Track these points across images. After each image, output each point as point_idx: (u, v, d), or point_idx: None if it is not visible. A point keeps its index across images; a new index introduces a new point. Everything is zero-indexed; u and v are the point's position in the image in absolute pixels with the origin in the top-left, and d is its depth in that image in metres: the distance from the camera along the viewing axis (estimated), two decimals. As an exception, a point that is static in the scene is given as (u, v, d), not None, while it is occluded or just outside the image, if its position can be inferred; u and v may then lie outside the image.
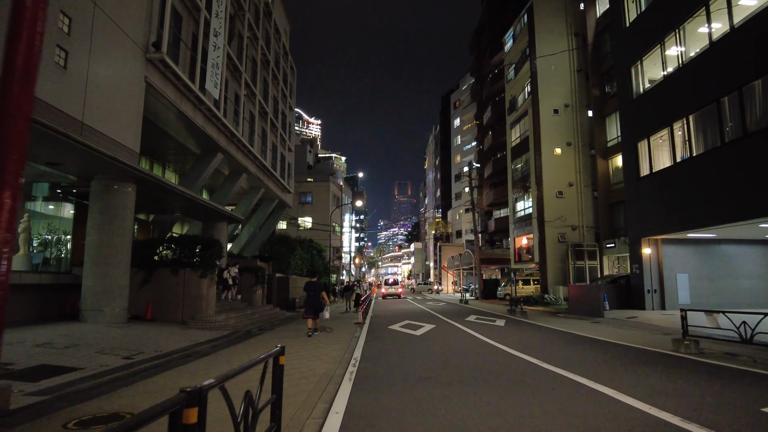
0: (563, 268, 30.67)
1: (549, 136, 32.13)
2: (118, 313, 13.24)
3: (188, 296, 14.62)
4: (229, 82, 23.38)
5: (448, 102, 72.56)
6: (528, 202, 34.48)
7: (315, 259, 34.31)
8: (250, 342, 11.53)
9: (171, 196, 16.59)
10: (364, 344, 10.18)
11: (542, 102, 32.42)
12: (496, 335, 11.85)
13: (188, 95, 18.10)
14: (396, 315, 19.50)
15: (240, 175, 26.12)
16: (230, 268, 18.75)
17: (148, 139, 21.52)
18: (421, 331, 12.89)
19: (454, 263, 48.40)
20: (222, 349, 10.39)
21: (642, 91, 19.48)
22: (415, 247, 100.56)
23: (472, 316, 17.83)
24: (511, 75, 38.69)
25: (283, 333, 13.66)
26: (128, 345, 9.82)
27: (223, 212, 20.43)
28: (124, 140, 13.78)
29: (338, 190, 53.42)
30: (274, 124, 32.05)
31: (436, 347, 9.79)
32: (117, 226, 13.50)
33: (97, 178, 13.55)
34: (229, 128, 21.94)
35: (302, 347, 10.23)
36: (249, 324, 15.57)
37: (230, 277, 18.43)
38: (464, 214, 60.34)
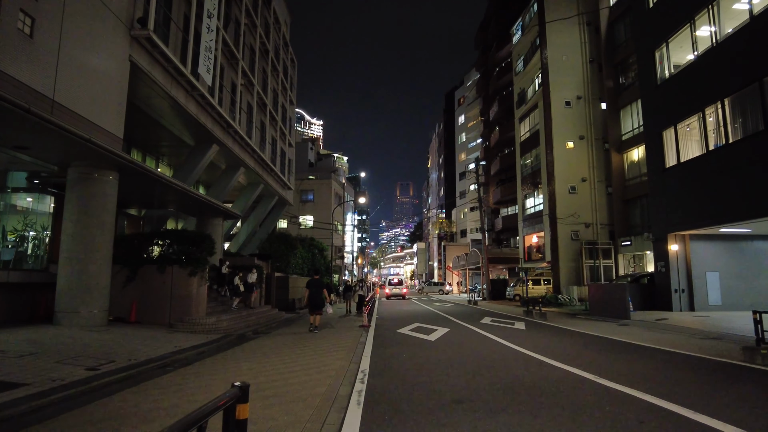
0: (576, 267, 29.27)
1: (561, 130, 30.74)
2: (97, 315, 11.91)
3: (176, 296, 13.28)
4: (225, 70, 22.07)
5: (452, 99, 71.19)
6: (538, 198, 33.09)
7: (316, 258, 32.97)
8: (241, 348, 10.17)
9: (160, 188, 15.26)
10: (371, 352, 8.82)
11: (553, 94, 31.03)
12: (522, 340, 10.47)
13: (179, 80, 16.77)
14: (403, 317, 18.14)
15: (237, 169, 24.78)
16: (248, 275, 17.57)
17: (140, 129, 20.32)
18: (435, 335, 11.51)
19: (460, 263, 47.01)
20: (208, 356, 9.03)
21: (667, 76, 18.10)
22: (417, 247, 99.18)
23: (487, 318, 16.46)
24: (519, 67, 37.32)
25: (279, 337, 12.30)
26: (100, 352, 8.47)
27: (218, 206, 19.09)
28: (104, 124, 12.45)
29: (340, 188, 52.08)
30: (274, 117, 30.73)
31: (459, 356, 8.40)
32: (96, 218, 12.17)
33: (74, 165, 12.24)
34: (224, 117, 20.61)
35: (300, 355, 8.89)
36: (243, 327, 14.22)
37: (241, 284, 17.17)
38: (469, 213, 58.94)
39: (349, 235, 59.44)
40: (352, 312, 21.07)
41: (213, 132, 20.21)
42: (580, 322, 15.55)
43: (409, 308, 24.36)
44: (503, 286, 36.02)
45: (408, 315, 19.04)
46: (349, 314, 20.53)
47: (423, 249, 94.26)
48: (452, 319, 16.44)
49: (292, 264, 26.88)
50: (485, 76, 50.36)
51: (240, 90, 23.70)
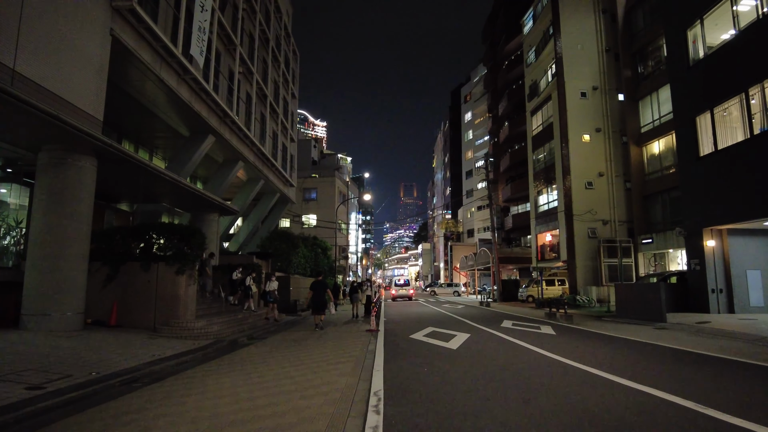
0: (594, 267, 27.67)
1: (576, 122, 29.17)
2: (71, 318, 10.48)
3: (162, 296, 11.84)
4: (222, 56, 20.67)
5: (458, 96, 69.61)
6: (552, 195, 31.53)
7: (319, 257, 31.50)
8: (230, 357, 8.70)
9: (145, 178, 13.85)
10: (383, 364, 7.31)
11: (568, 84, 29.46)
12: (560, 348, 8.97)
13: (169, 61, 15.38)
14: (414, 320, 16.66)
15: (236, 162, 23.38)
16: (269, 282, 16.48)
17: (132, 119, 18.96)
18: (456, 342, 10.00)
19: (468, 263, 45.43)
20: (189, 368, 7.58)
21: (702, 56, 16.55)
22: (422, 248, 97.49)
23: (507, 322, 14.93)
24: (531, 58, 35.79)
25: (277, 344, 10.82)
26: (59, 364, 7.04)
27: (212, 200, 17.67)
28: (80, 103, 11.03)
29: (344, 186, 50.62)
30: (275, 110, 29.32)
31: (492, 370, 6.86)
32: (70, 209, 10.76)
33: (45, 148, 10.83)
34: (221, 106, 19.20)
35: (298, 367, 7.42)
36: (237, 331, 12.77)
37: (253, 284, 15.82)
38: (476, 212, 57.37)
39: (354, 236, 57.95)
40: (360, 315, 18.62)
41: (208, 121, 18.82)
42: (610, 325, 14.03)
43: (418, 310, 22.86)
44: (515, 286, 34.47)
45: (419, 318, 17.54)
46: (356, 318, 18.16)
47: (428, 250, 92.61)
48: (469, 323, 14.94)
49: (294, 263, 25.43)
50: (493, 70, 48.83)
51: (238, 78, 22.30)
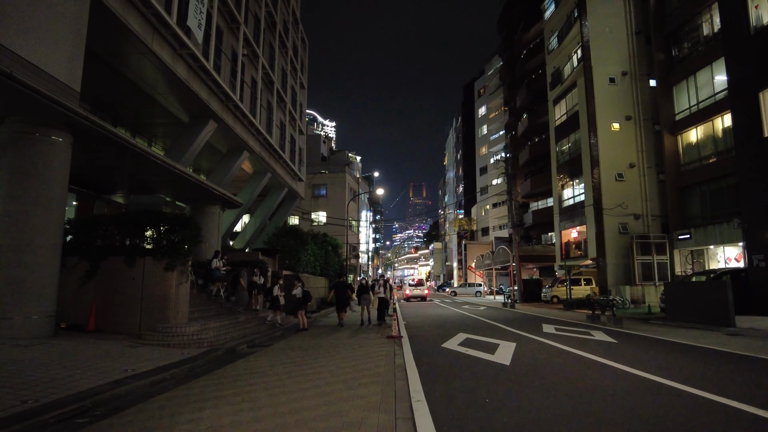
0: (625, 265, 25.62)
1: (605, 110, 27.15)
2: (37, 322, 8.76)
3: (149, 297, 10.08)
4: (224, 35, 18.94)
5: (471, 91, 67.53)
6: (578, 188, 29.49)
7: (330, 255, 29.70)
8: (221, 374, 6.87)
9: (132, 160, 12.12)
10: (422, 389, 5.44)
11: (596, 70, 27.43)
12: (639, 361, 7.10)
13: (163, 32, 13.65)
14: (437, 323, 14.79)
15: (240, 153, 21.65)
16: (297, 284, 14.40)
17: (128, 104, 17.29)
18: (503, 354, 8.08)
19: (484, 262, 43.41)
20: (163, 391, 5.78)
21: (767, 23, 14.54)
22: (434, 248, 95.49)
23: (548, 327, 13.00)
24: (553, 44, 33.75)
25: (282, 354, 8.99)
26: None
27: (213, 190, 15.95)
28: (50, 68, 9.29)
29: (355, 183, 48.81)
30: (282, 99, 27.57)
31: (580, 397, 5.00)
32: (38, 192, 9.04)
33: (8, 121, 9.12)
34: (223, 88, 17.47)
35: (304, 390, 5.61)
36: (236, 337, 10.98)
37: (281, 295, 13.97)
38: (491, 209, 55.30)
39: (364, 234, 56.16)
40: (372, 321, 15.30)
41: (209, 104, 17.11)
42: (667, 330, 12.10)
43: (437, 312, 20.99)
44: (537, 286, 32.47)
45: (442, 321, 15.66)
46: (366, 324, 14.81)
47: (440, 249, 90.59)
48: (503, 327, 13.05)
49: (303, 261, 23.64)
50: (510, 61, 46.81)
51: (242, 61, 20.55)
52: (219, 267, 13.95)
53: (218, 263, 13.95)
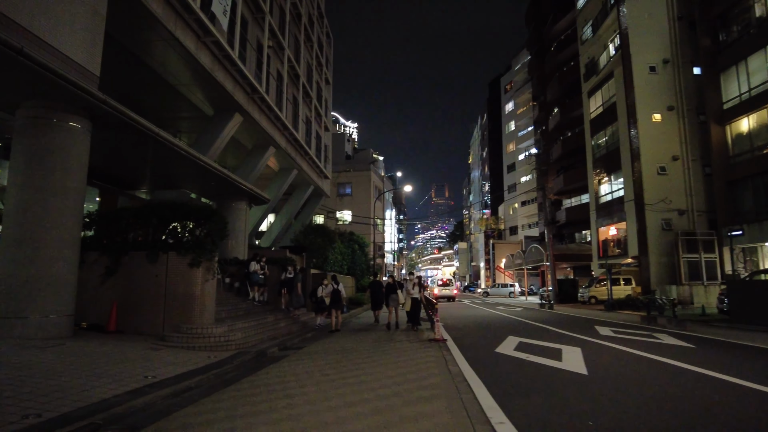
0: (669, 263, 24.12)
1: (645, 100, 25.67)
2: (55, 321, 8.09)
3: (172, 295, 9.35)
4: (249, 25, 18.27)
5: (497, 87, 65.91)
6: (616, 183, 28.04)
7: (356, 254, 28.91)
8: (252, 384, 6.02)
9: (154, 151, 11.48)
10: (497, 405, 4.48)
11: (635, 58, 25.97)
12: (736, 369, 5.99)
13: (186, 17, 12.99)
14: (477, 325, 13.80)
15: (266, 149, 20.99)
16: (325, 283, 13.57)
17: (152, 97, 16.76)
18: (571, 360, 7.04)
19: (515, 262, 42.03)
20: (186, 403, 4.95)
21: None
22: (459, 247, 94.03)
23: (603, 329, 11.89)
24: (587, 34, 32.32)
25: (317, 359, 8.13)
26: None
27: (240, 184, 15.27)
28: (68, 50, 8.62)
29: (380, 181, 47.94)
30: (308, 94, 26.87)
31: (698, 417, 4.00)
32: (54, 181, 8.38)
33: (24, 105, 8.49)
34: (248, 79, 16.80)
35: (353, 406, 4.73)
36: (267, 339, 10.19)
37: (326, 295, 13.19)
38: (520, 207, 53.77)
39: (389, 233, 55.20)
40: (399, 326, 13.49)
41: (234, 96, 16.44)
42: (741, 333, 10.84)
43: (472, 313, 19.96)
44: (572, 287, 31.03)
45: (482, 323, 14.64)
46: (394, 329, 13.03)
47: (465, 249, 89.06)
48: (553, 330, 11.98)
49: (331, 260, 22.88)
50: (539, 54, 45.34)
51: (267, 53, 19.87)
52: (257, 271, 13.21)
53: (256, 267, 13.21)
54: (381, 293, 14.53)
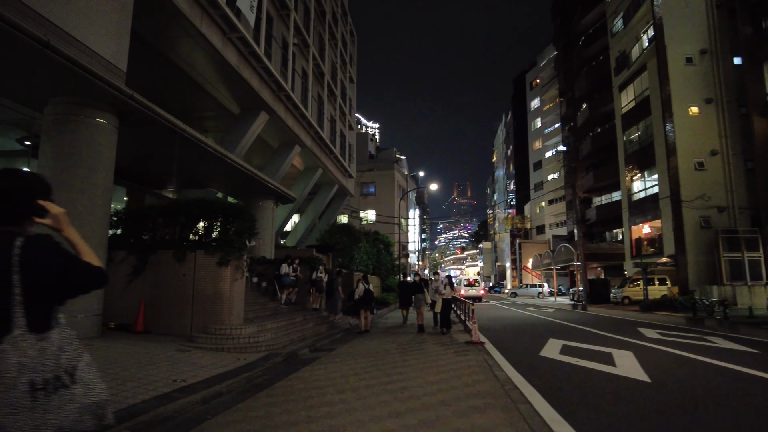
0: (709, 262, 23.09)
1: (681, 93, 24.69)
2: (83, 322, 7.91)
3: (200, 295, 9.11)
4: (275, 22, 18.07)
5: (522, 84, 64.72)
6: (650, 180, 27.06)
7: (382, 254, 28.55)
8: (285, 389, 5.67)
9: (181, 147, 11.29)
10: (559, 414, 4.04)
11: (670, 49, 25.00)
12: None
13: (212, 12, 12.81)
14: (514, 327, 13.26)
15: (292, 147, 20.78)
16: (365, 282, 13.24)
17: (177, 95, 16.65)
18: (626, 365, 6.49)
19: (543, 262, 41.09)
20: (218, 411, 4.62)
21: None
22: (483, 247, 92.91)
23: (648, 331, 11.25)
24: (618, 26, 31.34)
25: (350, 361, 7.76)
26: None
27: (267, 182, 15.06)
28: (94, 43, 8.45)
29: (404, 180, 47.50)
30: (333, 92, 26.62)
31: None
32: (82, 179, 8.21)
33: (52, 102, 8.34)
34: (274, 76, 16.58)
35: (400, 417, 4.33)
36: (296, 340, 9.88)
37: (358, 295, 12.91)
38: (547, 206, 52.65)
39: (413, 232, 54.69)
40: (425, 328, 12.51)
41: (260, 94, 16.23)
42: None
43: (503, 314, 19.38)
44: (603, 287, 30.05)
45: (517, 324, 14.10)
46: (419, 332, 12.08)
47: (489, 249, 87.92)
48: (595, 332, 11.40)
49: (356, 259, 22.55)
50: (566, 49, 44.31)
51: (292, 51, 19.64)
52: (288, 273, 12.96)
53: (288, 269, 12.96)
54: (409, 293, 14.14)
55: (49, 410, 1.48)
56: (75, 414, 1.53)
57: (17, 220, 1.67)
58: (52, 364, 1.53)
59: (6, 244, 1.56)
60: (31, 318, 1.55)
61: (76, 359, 1.61)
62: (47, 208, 1.71)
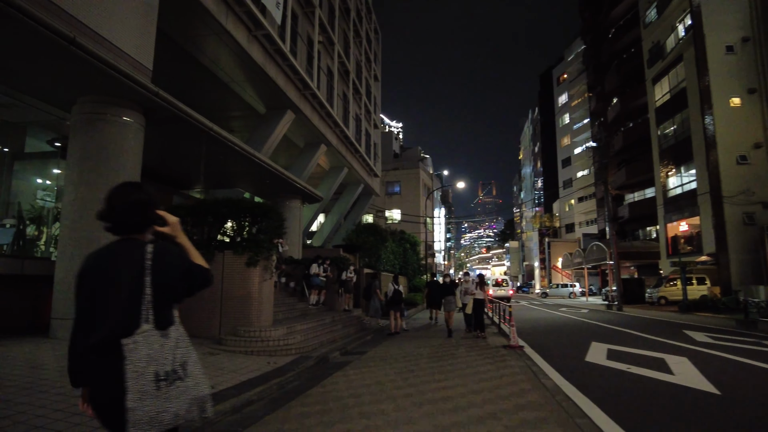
0: (754, 261, 21.99)
1: (721, 83, 23.61)
2: (111, 324, 7.73)
3: (228, 296, 8.91)
4: (299, 19, 17.88)
5: (548, 79, 63.39)
6: (687, 175, 26.01)
7: (408, 253, 28.17)
8: (320, 397, 5.34)
9: (208, 146, 11.15)
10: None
11: (709, 37, 23.92)
12: None
13: (237, 9, 12.64)
14: (550, 329, 12.75)
15: (318, 146, 20.58)
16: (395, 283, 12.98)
17: (203, 95, 16.61)
18: (684, 373, 5.96)
19: (574, 261, 40.08)
20: (251, 424, 4.33)
21: None
22: (510, 246, 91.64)
23: (697, 334, 10.61)
24: (651, 16, 30.25)
25: (384, 365, 7.43)
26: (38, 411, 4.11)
27: (294, 182, 14.87)
28: (121, 42, 8.33)
29: (429, 179, 46.97)
30: (358, 90, 26.36)
31: None
32: (108, 178, 8.06)
33: (79, 102, 8.24)
34: (300, 74, 16.37)
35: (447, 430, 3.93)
36: (325, 342, 9.60)
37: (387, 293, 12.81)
38: (577, 204, 51.38)
39: (439, 232, 54.08)
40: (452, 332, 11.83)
41: (286, 92, 16.04)
42: None
43: (535, 315, 18.80)
44: (638, 286, 29.08)
45: (551, 326, 13.58)
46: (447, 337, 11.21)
47: (516, 248, 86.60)
48: (638, 334, 10.82)
49: (383, 259, 22.23)
50: (595, 42, 43.11)
51: (318, 48, 19.43)
52: (319, 273, 12.73)
53: (318, 269, 12.72)
54: (438, 293, 13.77)
55: (168, 399, 1.65)
56: (187, 404, 1.70)
57: (143, 230, 1.88)
58: (171, 358, 1.71)
59: (139, 251, 1.77)
60: (157, 316, 1.74)
61: (187, 355, 1.79)
62: (165, 218, 1.91)
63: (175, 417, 1.65)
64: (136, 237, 1.86)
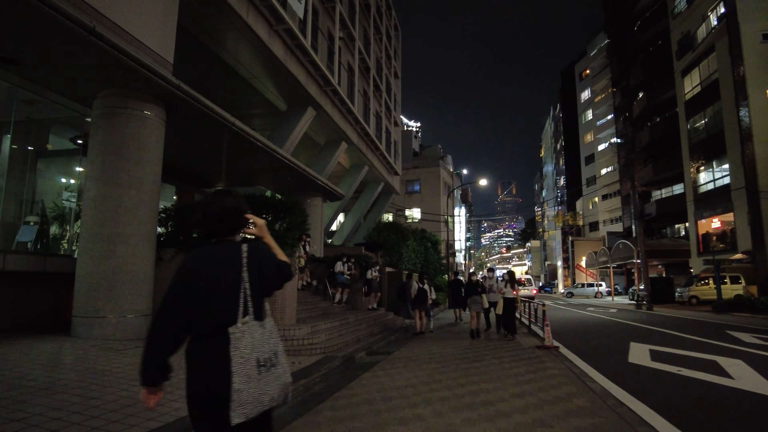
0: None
1: (757, 73, 22.77)
2: (132, 322, 7.61)
3: (251, 294, 8.65)
4: (320, 15, 17.64)
5: (570, 75, 62.18)
6: (719, 170, 25.12)
7: (429, 252, 27.74)
8: (350, 400, 5.05)
9: (229, 141, 10.95)
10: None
11: (744, 26, 23.08)
12: None
13: (258, 4, 12.44)
14: (582, 330, 12.26)
15: (338, 144, 20.35)
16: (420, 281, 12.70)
17: (224, 91, 16.50)
18: (746, 377, 5.45)
19: (599, 260, 39.17)
20: (276, 431, 4.04)
21: None
22: (531, 245, 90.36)
23: (742, 335, 10.04)
24: (680, 6, 29.36)
25: (413, 366, 7.10)
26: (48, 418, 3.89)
27: (316, 179, 14.65)
28: (141, 35, 8.16)
29: (449, 177, 46.41)
30: (378, 87, 26.05)
31: None
32: (129, 173, 7.91)
33: (100, 96, 8.09)
34: (321, 70, 16.14)
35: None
36: (350, 342, 9.30)
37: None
38: (601, 201, 50.25)
39: (458, 230, 53.45)
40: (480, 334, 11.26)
41: (307, 88, 15.82)
42: None
43: (564, 315, 18.29)
44: (667, 285, 28.18)
45: (582, 326, 13.08)
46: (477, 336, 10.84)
47: (537, 247, 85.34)
48: (679, 335, 10.30)
49: (405, 258, 21.88)
50: (619, 36, 42.05)
51: (338, 44, 19.18)
52: (343, 271, 12.48)
53: (342, 267, 12.47)
54: (461, 292, 13.59)
55: (268, 383, 1.80)
56: (279, 389, 1.84)
57: (235, 233, 2.02)
58: (268, 346, 1.86)
59: (237, 250, 1.94)
60: (256, 307, 1.89)
61: (277, 344, 1.92)
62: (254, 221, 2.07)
63: (271, 400, 1.79)
64: (231, 239, 2.00)
